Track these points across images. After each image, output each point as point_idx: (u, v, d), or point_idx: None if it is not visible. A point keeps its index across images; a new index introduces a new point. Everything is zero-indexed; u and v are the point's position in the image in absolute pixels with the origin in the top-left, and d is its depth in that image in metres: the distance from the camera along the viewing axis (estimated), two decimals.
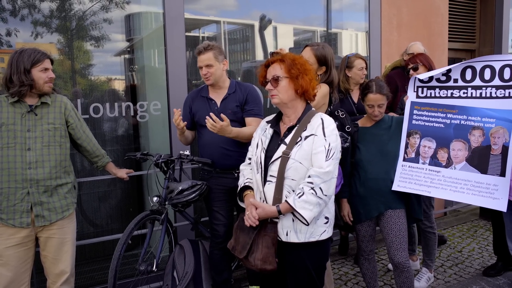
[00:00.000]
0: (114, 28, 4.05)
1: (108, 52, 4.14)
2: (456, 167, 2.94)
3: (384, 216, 2.99)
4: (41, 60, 2.63)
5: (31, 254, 2.72)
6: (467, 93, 2.94)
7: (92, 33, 3.95)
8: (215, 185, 3.15)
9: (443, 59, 5.66)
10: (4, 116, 2.61)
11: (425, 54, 3.64)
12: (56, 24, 3.78)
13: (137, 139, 4.30)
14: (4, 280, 2.60)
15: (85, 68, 4.06)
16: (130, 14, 4.17)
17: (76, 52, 3.95)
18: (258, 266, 2.22)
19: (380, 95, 2.98)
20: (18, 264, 2.63)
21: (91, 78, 4.07)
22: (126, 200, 4.40)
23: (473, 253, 4.56)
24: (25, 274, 2.67)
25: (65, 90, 3.88)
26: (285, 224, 2.25)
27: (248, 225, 2.26)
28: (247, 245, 2.28)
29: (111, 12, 3.99)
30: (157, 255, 3.06)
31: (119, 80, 4.30)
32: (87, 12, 3.88)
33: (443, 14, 5.68)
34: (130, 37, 4.27)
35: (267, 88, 2.32)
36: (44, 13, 3.71)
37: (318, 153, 2.19)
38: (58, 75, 3.81)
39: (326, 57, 2.95)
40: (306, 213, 2.14)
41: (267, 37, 4.87)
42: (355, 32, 5.45)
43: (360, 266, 3.26)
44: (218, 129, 2.75)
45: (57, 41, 3.83)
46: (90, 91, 4.02)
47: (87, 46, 3.99)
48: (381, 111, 3.03)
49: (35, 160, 2.63)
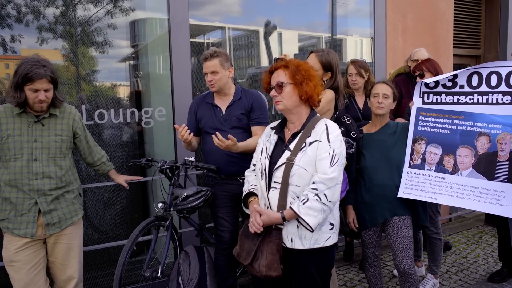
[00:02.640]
0: (119, 34, 4.06)
1: (113, 58, 4.15)
2: (462, 173, 2.92)
3: (390, 223, 2.97)
4: (33, 80, 2.46)
5: (42, 255, 2.71)
6: (474, 99, 2.93)
7: (96, 39, 3.97)
8: (220, 191, 3.14)
9: (448, 65, 5.65)
10: (10, 127, 2.58)
11: (432, 60, 3.63)
12: (60, 30, 3.80)
13: (142, 145, 4.31)
14: (19, 284, 2.61)
15: (90, 74, 4.07)
16: (135, 20, 4.18)
17: (81, 58, 3.96)
18: (263, 272, 2.22)
19: (386, 84, 3.04)
20: (30, 267, 2.63)
21: (96, 84, 4.09)
22: (131, 206, 4.40)
23: (478, 259, 4.52)
24: (38, 275, 2.66)
25: (70, 96, 3.89)
26: (289, 230, 2.24)
27: (252, 231, 2.26)
28: (252, 251, 2.27)
29: (116, 18, 4.00)
30: (162, 261, 3.05)
31: (124, 86, 4.31)
32: (92, 18, 3.90)
33: (448, 20, 5.67)
34: (135, 43, 4.28)
35: (271, 94, 2.32)
36: (49, 19, 3.72)
37: (322, 159, 2.18)
38: (62, 81, 3.82)
39: (331, 63, 2.95)
40: (311, 220, 2.14)
41: (272, 43, 4.89)
42: (360, 38, 5.46)
43: (365, 273, 3.24)
44: (224, 147, 2.78)
45: (62, 47, 3.85)
46: (94, 97, 4.03)
47: (91, 52, 4.01)
48: (386, 103, 3.01)
49: (42, 171, 2.61)
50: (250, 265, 2.28)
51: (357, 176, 3.04)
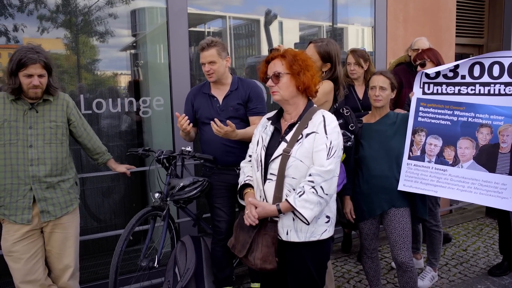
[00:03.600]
0: (118, 23, 4.03)
1: (113, 48, 4.13)
2: (463, 165, 2.89)
3: (388, 215, 2.95)
4: (26, 65, 2.49)
5: (39, 245, 2.73)
6: (475, 89, 2.89)
7: (97, 28, 3.95)
8: (217, 181, 3.13)
9: (450, 55, 5.58)
10: (6, 113, 2.61)
11: (433, 50, 3.57)
12: (61, 19, 3.78)
13: (140, 134, 4.29)
14: (18, 273, 2.63)
15: (90, 63, 4.06)
16: (135, 9, 4.15)
17: (82, 47, 3.95)
18: (258, 265, 2.19)
19: (383, 76, 2.98)
20: (28, 256, 2.65)
21: (96, 73, 4.07)
22: (130, 196, 4.40)
23: (479, 252, 4.50)
24: (37, 265, 2.68)
25: (71, 85, 3.88)
26: (285, 223, 2.21)
27: (248, 224, 2.23)
28: (247, 244, 2.25)
29: (116, 7, 3.97)
30: (159, 251, 3.05)
31: (123, 75, 4.28)
32: (92, 8, 3.87)
33: (450, 8, 5.59)
34: (135, 32, 4.25)
35: (268, 84, 2.27)
36: (50, 8, 3.70)
37: (319, 151, 2.14)
38: (63, 70, 3.84)
39: (330, 53, 2.89)
40: (307, 213, 2.11)
41: (272, 32, 4.84)
42: (362, 27, 5.40)
43: (363, 264, 3.23)
44: (223, 134, 2.75)
45: (64, 36, 3.84)
46: (94, 86, 4.01)
47: (92, 41, 3.99)
48: (383, 95, 2.97)
49: (37, 157, 2.64)
50: (245, 257, 2.26)
51: (355, 166, 3.00)
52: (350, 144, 2.89)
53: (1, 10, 3.51)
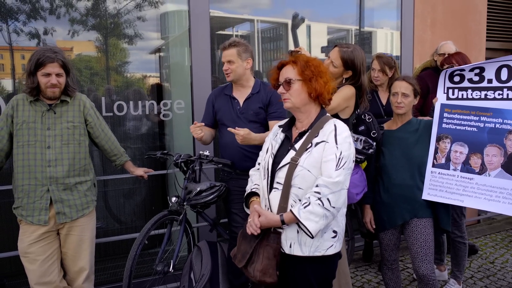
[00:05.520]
0: (145, 26, 4.12)
1: (141, 51, 4.23)
2: (490, 174, 2.77)
3: (409, 225, 2.84)
4: (44, 64, 2.56)
5: (55, 247, 2.75)
6: (503, 94, 2.77)
7: (125, 31, 4.04)
8: (235, 186, 3.09)
9: (480, 59, 5.40)
10: (25, 115, 2.66)
11: (462, 53, 3.44)
12: (92, 22, 3.89)
13: (162, 137, 4.32)
14: (33, 275, 2.66)
15: (119, 66, 4.15)
16: (161, 13, 4.21)
17: (112, 49, 4.03)
18: (257, 277, 2.09)
19: (405, 82, 2.88)
20: (43, 258, 2.67)
21: (125, 75, 4.17)
22: (151, 198, 4.42)
23: (507, 264, 4.32)
24: (52, 267, 2.71)
25: (101, 86, 3.98)
26: (289, 235, 2.11)
27: (249, 232, 2.15)
28: (247, 254, 2.15)
29: (144, 10, 4.05)
30: (174, 255, 3.03)
31: (149, 78, 4.34)
32: (121, 11, 3.96)
33: (481, 11, 5.43)
34: (161, 36, 4.32)
35: (279, 91, 2.19)
36: (80, 12, 3.82)
37: (328, 162, 2.04)
38: (94, 72, 3.99)
39: (354, 61, 2.80)
40: (311, 225, 2.00)
41: (300, 36, 4.85)
42: (390, 31, 5.31)
43: (383, 275, 3.13)
44: (241, 140, 2.75)
45: (95, 39, 3.95)
46: (118, 89, 4.08)
47: (121, 44, 4.08)
48: (405, 102, 2.87)
49: (55, 158, 2.67)
50: (245, 268, 2.17)
51: (375, 175, 2.92)
52: (372, 151, 2.81)
53: (34, 13, 3.62)
